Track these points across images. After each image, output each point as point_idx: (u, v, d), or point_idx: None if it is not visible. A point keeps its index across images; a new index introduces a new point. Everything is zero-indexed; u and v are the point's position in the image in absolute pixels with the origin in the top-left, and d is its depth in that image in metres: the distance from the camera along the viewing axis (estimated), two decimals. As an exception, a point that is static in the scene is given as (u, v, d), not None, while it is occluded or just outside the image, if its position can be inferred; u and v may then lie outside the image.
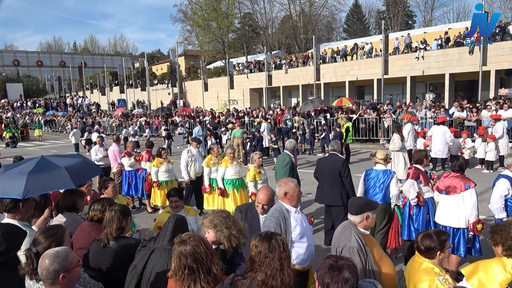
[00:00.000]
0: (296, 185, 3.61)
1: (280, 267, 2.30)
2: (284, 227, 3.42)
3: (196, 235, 2.55)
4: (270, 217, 3.50)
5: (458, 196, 4.92)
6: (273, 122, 20.17)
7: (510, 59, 22.60)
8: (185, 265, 2.40)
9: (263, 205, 3.74)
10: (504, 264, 2.79)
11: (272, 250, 2.33)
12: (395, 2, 49.83)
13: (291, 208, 3.54)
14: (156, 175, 8.30)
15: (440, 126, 11.76)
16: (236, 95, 39.21)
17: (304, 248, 3.50)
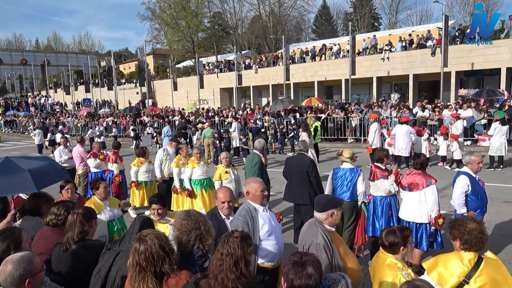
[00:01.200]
0: (259, 184, 3.62)
1: (235, 268, 2.33)
2: (252, 225, 3.45)
3: (156, 234, 2.54)
4: (238, 216, 3.53)
5: (420, 192, 5.11)
6: (243, 122, 20.18)
7: (469, 61, 23.67)
8: (137, 262, 2.41)
9: (228, 202, 3.72)
10: (462, 258, 2.90)
11: (227, 252, 2.36)
12: (362, 4, 51.09)
13: (258, 207, 3.58)
14: (136, 175, 8.16)
15: (403, 125, 12.16)
16: (206, 95, 38.95)
17: (273, 246, 3.53)
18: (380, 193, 5.67)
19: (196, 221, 2.97)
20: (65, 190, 5.07)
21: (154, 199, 4.20)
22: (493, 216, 7.27)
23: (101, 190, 4.73)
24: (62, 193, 5.09)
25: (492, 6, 44.83)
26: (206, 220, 3.08)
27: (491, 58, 22.98)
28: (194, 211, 3.16)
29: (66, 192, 5.05)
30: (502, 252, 5.93)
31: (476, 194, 5.05)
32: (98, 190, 4.74)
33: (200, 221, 2.98)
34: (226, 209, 3.74)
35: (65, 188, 5.09)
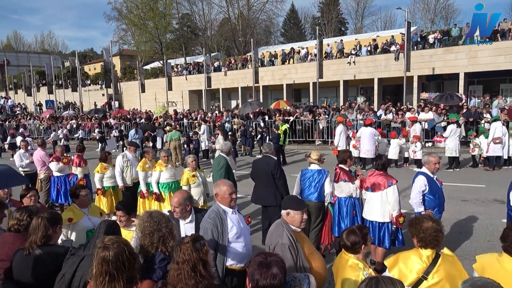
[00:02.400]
0: (228, 187, 3.65)
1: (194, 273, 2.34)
2: (220, 227, 3.48)
3: (120, 240, 2.49)
4: (207, 219, 3.54)
5: (382, 192, 5.31)
6: (212, 124, 20.12)
7: (430, 65, 24.72)
8: (106, 271, 2.34)
9: (175, 207, 3.75)
10: (420, 255, 3.02)
11: (182, 259, 2.37)
12: (329, 9, 52.16)
13: (227, 209, 3.62)
14: (101, 181, 7.79)
15: (368, 127, 12.55)
16: (174, 97, 38.50)
17: (241, 247, 3.58)
18: (344, 194, 5.84)
19: (158, 222, 2.96)
20: (27, 198, 4.87)
21: (119, 205, 4.13)
22: (451, 214, 7.64)
23: (81, 198, 4.55)
24: (24, 201, 4.89)
25: (451, 14, 47.06)
26: (168, 221, 3.06)
27: (450, 63, 24.11)
28: (156, 212, 3.13)
29: (29, 200, 4.85)
30: (459, 248, 6.25)
31: (433, 193, 5.30)
32: (78, 198, 4.56)
33: (162, 223, 2.97)
34: (174, 213, 3.77)
35: (27, 196, 4.89)
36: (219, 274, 3.44)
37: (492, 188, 9.64)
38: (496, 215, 7.52)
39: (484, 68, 23.02)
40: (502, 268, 2.81)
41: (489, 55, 22.67)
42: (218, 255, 3.47)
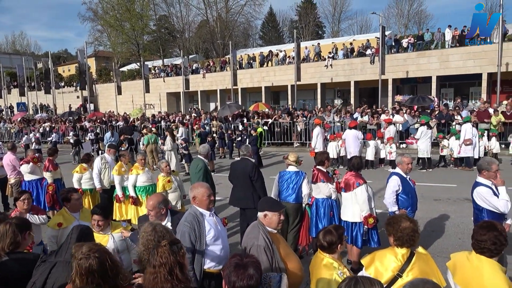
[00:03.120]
0: (206, 189, 3.64)
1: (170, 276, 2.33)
2: (198, 231, 3.45)
3: (99, 248, 2.43)
4: (184, 222, 3.50)
5: (352, 193, 5.43)
6: (190, 127, 19.99)
7: (404, 69, 25.36)
8: (92, 282, 2.28)
9: (149, 210, 3.74)
10: (396, 253, 3.08)
11: (159, 263, 2.35)
12: (306, 13, 52.79)
13: (205, 212, 3.59)
14: (79, 182, 7.69)
15: (352, 130, 12.80)
16: (152, 99, 38.07)
17: (219, 250, 3.56)
18: (321, 195, 5.92)
19: (162, 237, 2.91)
20: (21, 201, 4.74)
21: (97, 209, 4.04)
22: (424, 213, 7.84)
23: (73, 201, 4.42)
24: (17, 204, 4.71)
25: (424, 19, 48.45)
26: (172, 236, 3.03)
27: (423, 67, 24.80)
28: (160, 226, 3.09)
29: (22, 203, 4.71)
30: (432, 246, 6.42)
31: (406, 193, 5.43)
32: (69, 202, 4.43)
33: (166, 237, 2.90)
34: (150, 217, 3.75)
35: (20, 199, 4.75)
36: (197, 277, 3.42)
37: (463, 188, 9.92)
38: (467, 213, 7.74)
39: (454, 71, 23.80)
40: (471, 265, 2.89)
41: (459, 59, 23.46)
42: (196, 258, 3.44)
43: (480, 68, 22.71)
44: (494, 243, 2.81)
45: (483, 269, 2.79)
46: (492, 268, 2.79)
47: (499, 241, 2.82)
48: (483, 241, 2.86)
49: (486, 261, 2.83)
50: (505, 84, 22.81)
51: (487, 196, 4.51)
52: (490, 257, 2.84)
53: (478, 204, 4.65)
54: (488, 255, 2.85)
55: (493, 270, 2.77)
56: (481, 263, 2.84)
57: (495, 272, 2.76)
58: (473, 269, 2.86)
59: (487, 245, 2.83)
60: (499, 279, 2.71)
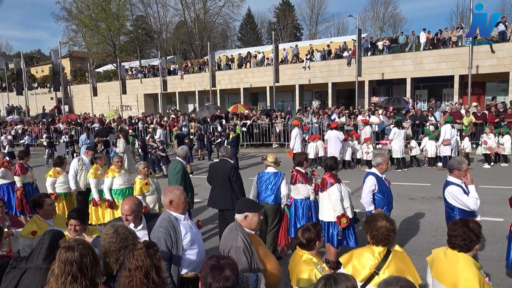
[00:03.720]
0: (181, 192, 3.58)
1: (146, 279, 2.30)
2: (174, 236, 3.37)
3: (84, 243, 2.42)
4: (159, 228, 3.41)
5: (325, 192, 5.51)
6: (168, 129, 19.79)
7: (379, 71, 25.87)
8: (69, 272, 2.27)
9: (126, 215, 3.63)
10: (373, 251, 3.13)
11: (135, 266, 2.33)
12: (285, 15, 53.14)
13: (179, 216, 3.51)
14: (53, 186, 7.46)
15: (333, 130, 12.94)
16: (129, 101, 37.50)
17: (196, 254, 3.51)
18: (300, 196, 5.96)
19: (126, 239, 2.85)
20: None
21: (73, 214, 3.89)
22: (400, 212, 8.00)
23: (45, 207, 4.22)
24: None
25: (399, 22, 49.57)
26: (135, 238, 2.97)
27: (398, 69, 25.38)
28: (122, 227, 3.00)
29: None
30: (407, 244, 6.57)
31: (382, 192, 5.53)
32: (42, 208, 4.23)
33: (129, 239, 2.87)
34: (126, 221, 3.65)
35: None
36: (175, 284, 3.36)
37: (437, 187, 10.15)
38: (440, 211, 7.88)
39: (428, 73, 24.46)
40: (447, 260, 3.01)
41: (432, 61, 24.12)
42: (173, 264, 3.38)
43: (453, 70, 23.41)
44: (464, 239, 2.92)
45: (458, 263, 2.90)
46: (466, 263, 2.88)
47: (469, 237, 2.92)
48: (453, 237, 2.98)
49: (461, 256, 2.93)
50: (476, 86, 23.62)
51: (458, 195, 4.65)
52: (463, 252, 2.94)
53: (449, 203, 4.79)
54: (459, 250, 2.96)
55: (467, 265, 2.87)
56: (456, 258, 2.94)
57: (468, 266, 2.85)
58: (448, 263, 2.97)
59: (457, 240, 2.95)
60: (471, 273, 2.81)
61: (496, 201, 8.14)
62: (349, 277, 2.20)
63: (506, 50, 21.83)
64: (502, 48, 21.90)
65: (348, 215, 5.43)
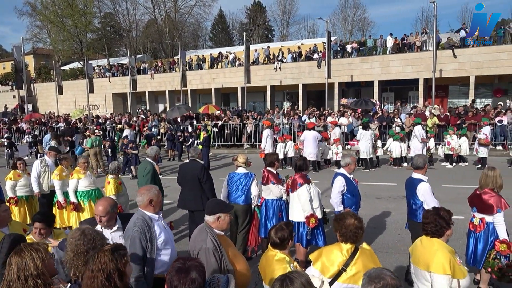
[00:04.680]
0: (159, 191, 3.59)
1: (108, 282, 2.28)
2: (149, 235, 3.34)
3: (36, 246, 2.36)
4: (133, 227, 3.36)
5: (295, 193, 5.59)
6: (138, 129, 19.42)
7: (349, 73, 26.44)
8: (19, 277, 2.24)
9: (101, 216, 3.56)
10: (341, 248, 3.21)
11: (98, 267, 2.29)
12: (256, 16, 53.34)
13: (154, 216, 3.49)
14: (13, 190, 7.13)
15: (311, 131, 13.02)
16: (97, 100, 36.52)
17: (169, 254, 3.49)
18: (271, 196, 6.01)
19: (93, 240, 2.81)
20: None
21: (38, 216, 3.74)
22: (367, 211, 8.22)
23: (0, 214, 3.95)
24: None
25: (367, 26, 50.86)
26: (102, 238, 2.92)
27: (366, 71, 26.03)
28: (88, 229, 2.94)
29: None
30: (374, 242, 6.76)
31: (350, 192, 5.66)
32: None
33: (97, 240, 2.82)
34: (100, 223, 3.58)
35: None
36: (149, 283, 3.31)
37: (402, 186, 10.53)
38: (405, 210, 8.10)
39: (395, 76, 25.23)
40: (422, 245, 3.29)
41: (399, 65, 24.91)
42: (148, 264, 3.33)
43: (418, 74, 24.26)
44: (435, 226, 3.23)
45: (432, 247, 3.18)
46: (439, 247, 3.16)
47: (439, 224, 3.22)
48: (426, 224, 3.28)
49: (435, 241, 3.22)
50: (439, 89, 24.60)
51: (429, 192, 4.92)
52: (435, 237, 3.23)
53: (419, 200, 4.98)
54: (431, 236, 3.25)
55: (439, 248, 3.13)
56: (431, 243, 3.23)
57: (440, 250, 3.12)
58: (423, 248, 3.25)
59: (429, 227, 3.25)
60: (442, 254, 3.08)
61: (457, 199, 8.51)
62: (302, 273, 2.27)
63: (467, 55, 22.86)
64: (463, 54, 22.93)
65: (317, 216, 5.51)
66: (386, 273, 2.19)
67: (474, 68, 22.61)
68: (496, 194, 4.69)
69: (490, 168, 4.91)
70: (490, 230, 4.69)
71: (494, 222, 4.65)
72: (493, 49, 22.35)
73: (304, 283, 2.15)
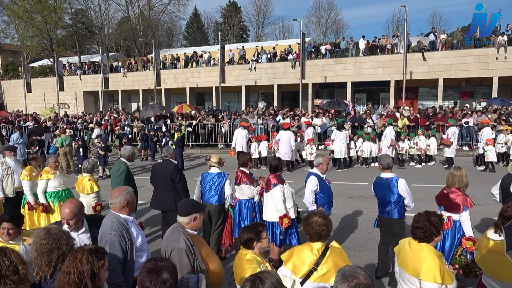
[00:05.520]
0: (133, 192, 3.56)
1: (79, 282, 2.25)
2: (128, 238, 3.28)
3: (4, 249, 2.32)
4: (111, 231, 3.26)
5: (269, 193, 5.64)
6: (110, 128, 19.02)
7: (322, 74, 26.81)
8: None
9: (68, 219, 3.46)
10: (311, 248, 3.24)
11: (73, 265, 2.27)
12: (231, 16, 53.20)
13: (128, 217, 3.43)
14: None
15: (287, 131, 13.08)
16: (67, 98, 35.51)
17: (145, 256, 3.45)
18: (245, 196, 6.03)
19: (58, 239, 2.74)
20: None
21: (6, 216, 3.59)
22: (339, 210, 8.38)
23: None
24: None
25: (340, 28, 51.70)
26: (68, 238, 2.85)
27: (340, 73, 26.48)
28: (54, 229, 2.87)
29: None
30: (346, 241, 6.90)
31: (323, 192, 5.75)
32: None
33: (62, 240, 2.76)
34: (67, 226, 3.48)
35: None
36: (129, 287, 3.27)
37: (374, 185, 10.84)
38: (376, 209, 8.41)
39: (367, 78, 25.79)
40: (411, 249, 3.26)
41: (371, 67, 25.49)
42: (128, 267, 3.28)
43: (389, 76, 24.90)
44: (424, 232, 3.21)
45: (421, 252, 3.16)
46: (428, 252, 3.15)
47: (429, 230, 3.21)
48: (416, 228, 3.26)
49: (424, 246, 3.21)
50: (409, 91, 25.35)
51: (407, 187, 5.12)
52: (424, 242, 3.23)
53: (396, 198, 5.12)
54: (419, 241, 3.24)
55: (429, 254, 3.13)
56: (420, 248, 3.21)
57: (430, 256, 3.12)
58: (412, 253, 3.22)
59: (418, 232, 3.23)
60: (432, 261, 3.08)
61: (425, 198, 8.79)
62: (272, 273, 2.27)
63: (436, 58, 23.67)
64: (433, 57, 23.72)
65: (290, 216, 5.57)
66: (360, 272, 2.19)
67: (443, 71, 23.44)
68: (462, 193, 4.84)
69: (456, 167, 5.08)
70: (456, 228, 4.83)
71: (461, 220, 4.81)
72: (460, 53, 23.25)
73: (275, 283, 2.15)
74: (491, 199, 6.16)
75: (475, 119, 16.10)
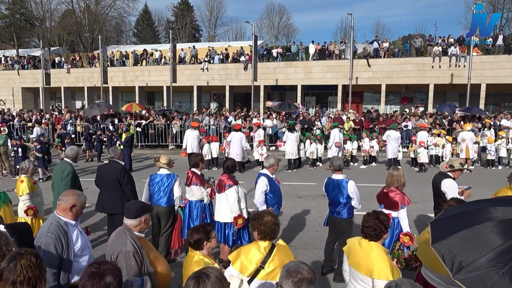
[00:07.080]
0: (85, 199, 3.47)
1: None
2: (65, 241, 3.18)
3: None
4: (47, 233, 3.17)
5: (222, 194, 5.68)
6: (51, 127, 17.99)
7: (274, 77, 27.28)
8: None
9: None
10: (259, 246, 3.30)
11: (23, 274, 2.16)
12: (183, 14, 52.41)
13: (70, 221, 3.32)
14: None
15: (238, 132, 13.13)
16: (3, 94, 33.17)
17: (86, 261, 3.36)
18: (195, 198, 6.00)
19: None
20: None
21: None
22: (288, 210, 8.59)
23: None
24: None
25: (292, 32, 52.85)
26: (7, 240, 2.69)
27: (290, 76, 27.09)
28: None
29: None
30: (295, 239, 7.08)
31: (273, 192, 5.86)
32: None
33: (1, 241, 2.60)
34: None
35: None
36: None
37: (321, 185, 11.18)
38: (323, 208, 8.67)
39: (316, 82, 26.64)
40: (361, 248, 3.39)
41: (320, 71, 26.35)
42: (63, 272, 3.16)
43: (337, 80, 25.89)
44: (374, 230, 3.38)
45: (371, 251, 3.31)
46: (378, 251, 3.32)
47: (379, 228, 3.38)
48: (366, 227, 3.42)
49: (374, 245, 3.36)
50: (355, 95, 26.51)
51: (356, 189, 5.38)
52: (373, 241, 3.38)
53: (345, 199, 5.37)
54: (369, 239, 3.40)
55: (379, 253, 3.30)
56: (370, 247, 3.36)
57: (380, 255, 3.28)
58: (363, 251, 3.37)
59: (369, 231, 3.39)
60: (383, 260, 3.25)
61: (367, 197, 9.21)
62: (215, 268, 2.31)
63: (379, 65, 25.00)
64: (376, 63, 25.02)
65: (244, 216, 5.64)
66: (303, 267, 2.29)
67: (385, 77, 24.81)
68: (400, 192, 5.20)
69: (395, 168, 5.45)
70: (395, 224, 5.16)
71: (399, 216, 5.16)
72: (401, 61, 24.75)
73: (219, 277, 2.20)
74: (427, 197, 6.63)
75: (413, 123, 17.15)
